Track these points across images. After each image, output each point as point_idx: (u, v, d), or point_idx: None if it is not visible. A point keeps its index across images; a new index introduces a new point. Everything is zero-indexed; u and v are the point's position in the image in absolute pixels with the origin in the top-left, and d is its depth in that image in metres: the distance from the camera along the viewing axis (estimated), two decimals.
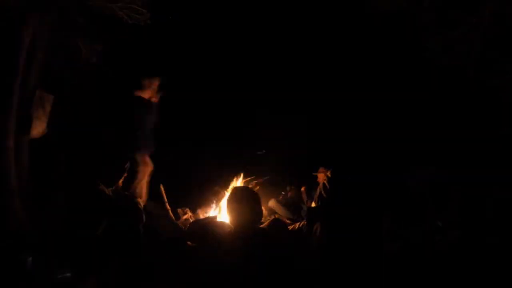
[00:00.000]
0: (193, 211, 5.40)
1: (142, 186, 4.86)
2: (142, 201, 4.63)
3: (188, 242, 4.30)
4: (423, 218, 5.28)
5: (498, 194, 4.97)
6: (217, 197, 5.44)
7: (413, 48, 5.18)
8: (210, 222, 4.65)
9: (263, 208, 4.82)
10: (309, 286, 3.77)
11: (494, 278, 3.99)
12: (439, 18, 5.10)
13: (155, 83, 5.14)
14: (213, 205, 5.44)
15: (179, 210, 5.27)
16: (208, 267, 3.88)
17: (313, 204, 4.96)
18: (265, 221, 4.94)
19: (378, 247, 4.39)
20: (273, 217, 5.33)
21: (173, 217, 5.10)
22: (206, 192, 5.59)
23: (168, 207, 5.11)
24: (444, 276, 4.04)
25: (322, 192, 4.80)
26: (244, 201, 4.49)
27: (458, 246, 4.75)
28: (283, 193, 5.96)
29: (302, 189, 5.69)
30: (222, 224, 4.64)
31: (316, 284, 3.81)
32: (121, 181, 3.86)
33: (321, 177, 5.02)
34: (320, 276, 3.89)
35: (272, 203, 5.72)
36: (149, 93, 5.11)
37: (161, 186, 5.17)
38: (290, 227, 4.81)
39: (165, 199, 5.11)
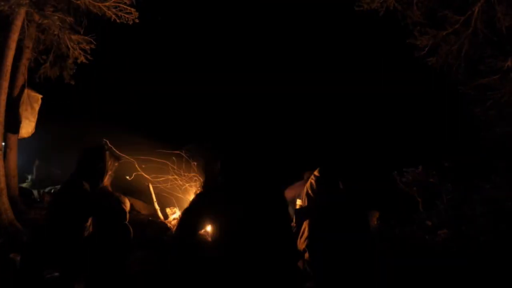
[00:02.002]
0: (182, 210, 5.52)
1: None
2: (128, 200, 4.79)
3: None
4: (412, 218, 5.42)
5: (487, 193, 5.08)
6: None
7: (402, 47, 5.29)
8: None
9: None
10: (299, 286, 3.86)
11: (485, 276, 4.11)
12: (428, 16, 5.22)
13: None
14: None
15: (168, 210, 5.39)
16: (197, 266, 3.98)
17: (299, 203, 5.07)
18: None
19: (368, 246, 4.46)
20: None
21: (162, 217, 5.24)
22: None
23: (157, 206, 5.24)
24: (435, 275, 4.18)
25: (309, 191, 4.85)
26: None
27: (447, 245, 4.89)
28: None
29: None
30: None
31: (306, 283, 3.90)
32: (106, 179, 3.97)
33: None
34: (309, 276, 3.98)
35: None
36: None
37: (150, 185, 5.30)
38: None
39: (154, 198, 5.24)
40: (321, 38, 6.24)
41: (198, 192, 4.29)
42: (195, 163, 5.03)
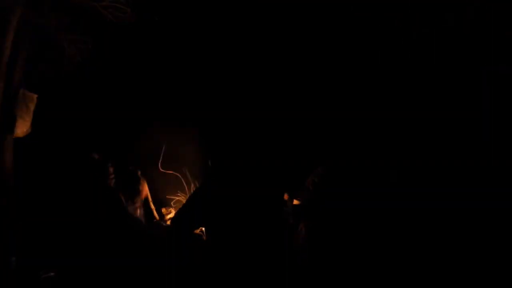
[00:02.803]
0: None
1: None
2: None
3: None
4: None
5: None
6: None
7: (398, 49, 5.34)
8: None
9: None
10: (296, 286, 3.89)
11: None
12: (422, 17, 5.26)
13: None
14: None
15: (163, 210, 5.46)
16: (192, 264, 4.02)
17: (295, 202, 5.09)
18: None
19: (365, 246, 4.48)
20: None
21: (158, 216, 5.31)
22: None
23: (153, 206, 5.31)
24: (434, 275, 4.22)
25: (310, 186, 4.86)
26: None
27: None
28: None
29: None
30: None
31: (303, 283, 3.93)
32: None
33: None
34: (307, 276, 4.01)
35: None
36: None
37: (145, 185, 5.36)
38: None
39: (149, 198, 5.30)
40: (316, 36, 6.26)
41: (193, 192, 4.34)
42: None
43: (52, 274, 3.77)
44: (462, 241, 4.58)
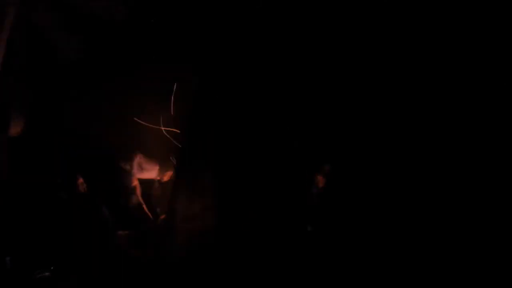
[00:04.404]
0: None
1: None
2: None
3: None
4: None
5: None
6: None
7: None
8: None
9: None
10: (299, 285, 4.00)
11: None
12: None
13: None
14: None
15: (158, 209, 5.51)
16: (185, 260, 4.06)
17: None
18: None
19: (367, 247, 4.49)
20: None
21: (151, 216, 5.36)
22: None
23: (142, 201, 5.34)
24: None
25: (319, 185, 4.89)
26: None
27: None
28: None
29: None
30: None
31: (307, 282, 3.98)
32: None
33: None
34: (310, 275, 4.05)
35: None
36: None
37: (137, 181, 5.40)
38: None
39: (139, 193, 5.34)
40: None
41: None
42: None
43: (47, 274, 3.83)
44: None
